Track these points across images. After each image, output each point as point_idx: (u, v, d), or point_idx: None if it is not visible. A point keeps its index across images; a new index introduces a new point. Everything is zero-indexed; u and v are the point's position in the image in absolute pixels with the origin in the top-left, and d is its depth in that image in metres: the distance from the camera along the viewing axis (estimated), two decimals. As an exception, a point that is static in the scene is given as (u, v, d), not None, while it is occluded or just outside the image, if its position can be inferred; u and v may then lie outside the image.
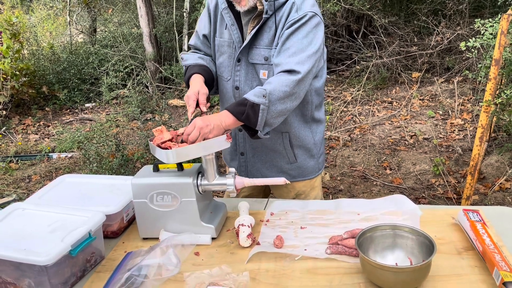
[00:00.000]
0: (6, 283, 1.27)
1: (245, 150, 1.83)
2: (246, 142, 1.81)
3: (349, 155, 4.38)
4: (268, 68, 1.65)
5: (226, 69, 1.75)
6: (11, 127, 5.81)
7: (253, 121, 1.51)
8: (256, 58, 1.65)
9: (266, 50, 1.63)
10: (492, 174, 3.76)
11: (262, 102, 1.49)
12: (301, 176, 1.85)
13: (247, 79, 1.69)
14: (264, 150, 1.80)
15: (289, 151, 1.78)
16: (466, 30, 5.61)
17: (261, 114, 1.50)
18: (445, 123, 4.89)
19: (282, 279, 1.27)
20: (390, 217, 1.51)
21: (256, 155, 1.82)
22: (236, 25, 1.67)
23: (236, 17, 1.67)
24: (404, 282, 1.17)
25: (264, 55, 1.64)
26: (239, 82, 1.71)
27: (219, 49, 1.76)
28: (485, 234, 1.32)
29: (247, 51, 1.66)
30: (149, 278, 1.26)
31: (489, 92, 2.79)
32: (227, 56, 1.73)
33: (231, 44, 1.70)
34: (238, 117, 1.50)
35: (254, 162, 1.83)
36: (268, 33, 1.62)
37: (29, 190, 4.06)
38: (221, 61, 1.76)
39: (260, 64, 1.66)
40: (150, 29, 6.71)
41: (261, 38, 1.63)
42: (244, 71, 1.69)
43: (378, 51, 6.14)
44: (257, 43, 1.64)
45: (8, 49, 5.93)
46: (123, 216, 1.55)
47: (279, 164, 1.82)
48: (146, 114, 5.68)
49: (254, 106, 1.48)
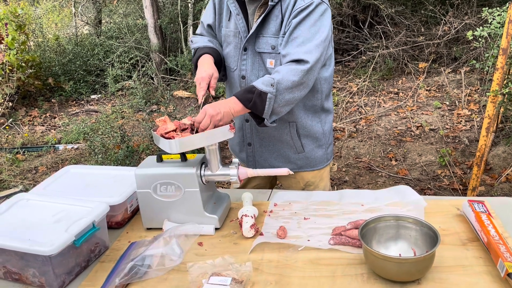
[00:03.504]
0: (11, 272, 1.28)
1: (252, 141, 1.83)
2: (253, 133, 1.81)
3: (354, 146, 4.36)
4: (275, 57, 1.64)
5: (233, 59, 1.74)
6: (18, 118, 5.84)
7: (260, 109, 1.51)
8: (263, 47, 1.64)
9: (273, 38, 1.62)
10: (499, 165, 3.73)
11: (270, 91, 1.49)
12: (309, 166, 1.84)
13: (254, 68, 1.69)
14: (272, 140, 1.80)
15: (296, 141, 1.77)
16: (474, 19, 5.54)
17: (268, 103, 1.49)
18: (451, 113, 4.85)
19: (285, 269, 1.27)
20: (394, 208, 1.51)
21: (264, 145, 1.82)
22: (241, 15, 1.66)
23: (241, 6, 1.66)
24: (408, 273, 1.16)
25: (271, 43, 1.63)
26: (245, 72, 1.70)
27: (225, 40, 1.76)
28: (490, 225, 1.31)
29: (254, 40, 1.65)
30: (152, 268, 1.26)
31: (496, 82, 2.76)
32: (233, 46, 1.72)
33: (237, 34, 1.70)
34: (245, 104, 1.50)
35: (262, 152, 1.83)
36: (275, 21, 1.61)
37: (35, 181, 4.08)
38: (227, 51, 1.76)
39: (267, 53, 1.65)
40: (155, 20, 6.69)
41: (267, 27, 1.62)
42: (250, 60, 1.68)
43: (384, 41, 6.08)
44: (264, 31, 1.63)
45: (13, 40, 5.93)
46: (127, 206, 1.56)
47: (286, 154, 1.81)
48: (151, 106, 5.68)
49: (261, 94, 1.48)
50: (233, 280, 1.18)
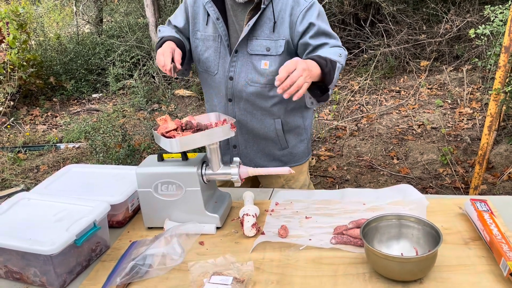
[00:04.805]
0: (12, 272, 1.28)
1: (237, 143, 1.84)
2: (238, 134, 1.82)
3: (356, 145, 4.35)
4: (269, 58, 1.65)
5: (213, 63, 1.73)
6: (19, 117, 5.84)
7: (329, 77, 1.49)
8: (257, 49, 1.65)
9: (267, 41, 1.64)
10: (501, 163, 3.72)
11: (339, 61, 1.52)
12: (292, 161, 1.88)
13: (242, 70, 1.69)
14: (256, 139, 1.82)
15: (281, 137, 1.80)
16: (476, 17, 5.52)
17: (337, 72, 1.51)
18: (453, 112, 4.84)
19: (287, 268, 1.26)
20: (396, 207, 1.50)
21: (248, 146, 1.84)
22: (221, 19, 1.66)
23: (220, 10, 1.66)
24: (410, 272, 1.16)
25: (266, 45, 1.64)
26: (234, 73, 1.70)
27: (204, 44, 1.74)
28: (492, 224, 1.31)
29: (246, 42, 1.66)
30: (153, 267, 1.26)
31: (498, 80, 2.74)
32: (213, 50, 1.72)
33: (217, 38, 1.70)
34: (323, 68, 1.46)
35: (247, 153, 1.85)
36: (268, 24, 1.62)
37: (37, 180, 4.09)
38: (206, 56, 1.74)
39: (261, 55, 1.66)
40: (156, 18, 6.68)
41: (260, 29, 1.63)
42: (240, 62, 1.69)
43: (386, 39, 6.06)
44: (256, 34, 1.64)
45: (15, 39, 5.93)
46: (128, 205, 1.56)
47: (271, 151, 1.84)
48: (153, 105, 5.68)
49: (332, 62, 1.50)
50: (234, 279, 1.18)
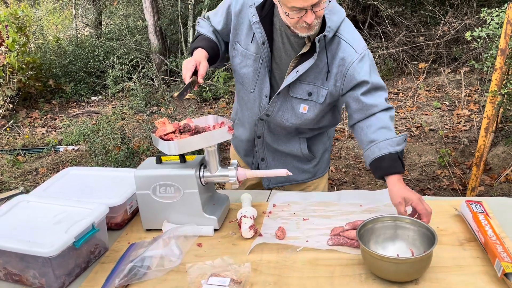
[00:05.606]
0: (12, 274, 1.29)
1: (264, 156, 1.85)
2: (265, 149, 1.82)
3: (354, 147, 4.37)
4: (309, 103, 1.60)
5: (251, 82, 1.67)
6: (19, 120, 5.85)
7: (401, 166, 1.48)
8: (299, 93, 1.59)
9: (310, 86, 1.58)
10: (498, 165, 3.73)
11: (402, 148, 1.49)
12: (320, 172, 1.89)
13: (281, 110, 1.65)
14: (282, 154, 1.83)
15: (305, 153, 1.80)
16: (473, 19, 5.54)
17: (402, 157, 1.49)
18: (451, 114, 4.85)
19: (284, 270, 1.27)
20: (392, 208, 1.51)
21: (276, 158, 1.84)
22: (267, 43, 1.57)
23: (267, 33, 1.57)
24: (405, 273, 1.17)
25: (309, 90, 1.58)
26: (271, 112, 1.66)
27: (243, 60, 1.66)
28: (487, 225, 1.32)
29: (288, 84, 1.58)
30: (151, 269, 1.27)
31: (495, 82, 2.76)
32: (252, 69, 1.65)
33: (258, 59, 1.62)
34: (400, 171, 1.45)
35: (276, 165, 1.84)
36: (314, 70, 1.55)
37: (36, 183, 4.09)
38: (245, 72, 1.67)
39: (302, 99, 1.61)
40: (155, 21, 6.70)
41: (306, 74, 1.55)
42: (280, 102, 1.64)
43: (384, 41, 6.08)
44: (301, 78, 1.56)
45: (14, 42, 5.95)
46: (127, 208, 1.57)
47: (299, 165, 1.85)
48: (152, 107, 5.69)
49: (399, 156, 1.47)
50: (232, 280, 1.19)
